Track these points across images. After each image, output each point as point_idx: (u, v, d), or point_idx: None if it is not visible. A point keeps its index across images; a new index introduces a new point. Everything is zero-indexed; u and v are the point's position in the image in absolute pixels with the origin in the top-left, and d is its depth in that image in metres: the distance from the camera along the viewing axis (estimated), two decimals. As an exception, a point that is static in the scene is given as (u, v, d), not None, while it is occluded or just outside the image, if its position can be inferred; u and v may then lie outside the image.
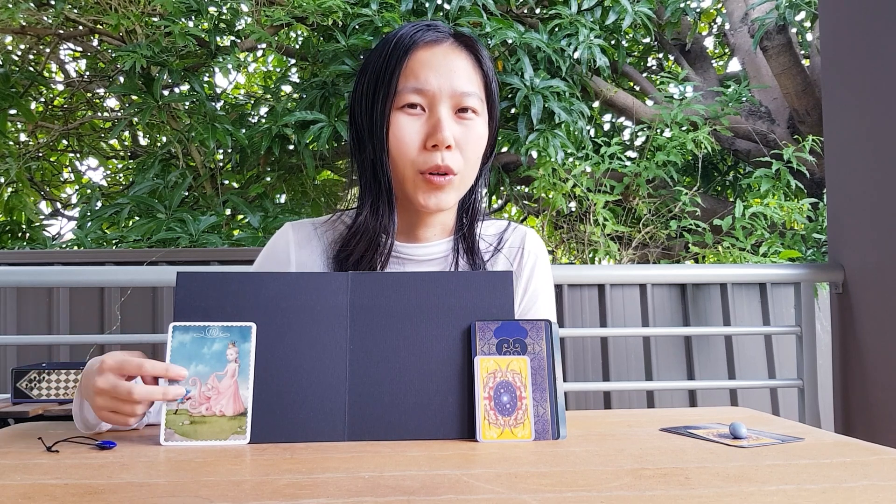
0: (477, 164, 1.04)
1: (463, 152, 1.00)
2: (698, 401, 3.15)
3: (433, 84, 0.98)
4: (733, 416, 0.97)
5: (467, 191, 1.08)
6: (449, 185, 1.00)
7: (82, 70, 6.59)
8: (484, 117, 1.04)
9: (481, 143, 1.03)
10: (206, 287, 0.86)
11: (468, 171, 1.02)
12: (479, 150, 1.03)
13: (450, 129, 0.98)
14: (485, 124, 1.04)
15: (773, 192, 4.67)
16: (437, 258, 1.08)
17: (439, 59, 1.00)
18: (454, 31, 1.05)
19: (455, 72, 1.00)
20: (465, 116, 1.00)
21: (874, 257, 2.11)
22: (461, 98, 0.99)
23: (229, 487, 0.61)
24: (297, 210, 5.07)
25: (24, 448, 0.80)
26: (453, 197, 1.02)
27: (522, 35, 4.48)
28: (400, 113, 0.99)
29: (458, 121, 1.00)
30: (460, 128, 1.00)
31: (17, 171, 5.18)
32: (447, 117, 0.99)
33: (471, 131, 1.01)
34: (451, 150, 0.99)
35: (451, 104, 0.99)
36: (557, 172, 4.55)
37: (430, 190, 1.00)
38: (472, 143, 1.01)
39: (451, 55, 1.01)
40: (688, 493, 0.59)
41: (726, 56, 7.18)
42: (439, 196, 1.00)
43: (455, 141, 0.99)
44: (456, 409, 0.84)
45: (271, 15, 4.75)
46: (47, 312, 3.10)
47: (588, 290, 3.22)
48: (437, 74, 0.99)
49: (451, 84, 0.99)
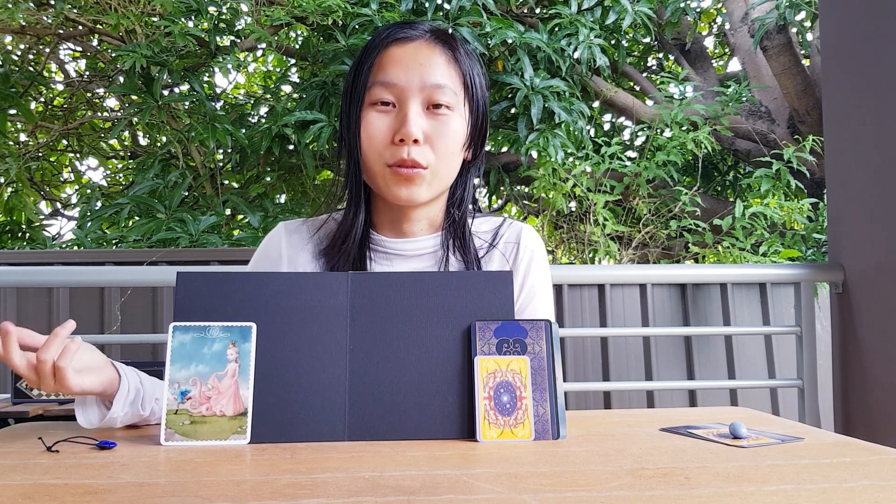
0: (452, 159, 1.03)
1: (434, 147, 1.00)
2: (698, 401, 3.15)
3: (402, 79, 0.99)
4: (733, 416, 0.97)
5: (453, 185, 1.08)
6: (419, 178, 1.00)
7: (82, 70, 6.59)
8: (460, 112, 1.03)
9: (455, 137, 1.02)
10: (206, 287, 0.86)
11: (441, 165, 1.01)
12: (454, 144, 1.02)
13: (417, 123, 0.98)
14: (461, 119, 1.03)
15: (773, 192, 4.67)
16: (426, 253, 1.08)
17: (409, 54, 1.00)
18: (433, 28, 1.05)
19: (425, 66, 1.00)
20: (438, 112, 1.00)
21: (874, 257, 2.11)
22: (432, 92, 0.99)
23: (229, 487, 0.61)
24: (297, 210, 5.07)
25: (24, 448, 0.80)
26: (425, 190, 1.02)
27: (522, 35, 4.48)
28: (371, 110, 1.00)
29: (430, 116, 1.00)
30: (431, 122, 1.00)
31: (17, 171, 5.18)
32: (415, 112, 0.99)
33: (442, 125, 1.00)
34: (420, 145, 0.99)
35: (421, 98, 0.99)
36: (557, 172, 4.55)
37: (399, 182, 1.00)
38: (444, 137, 1.00)
39: (424, 51, 1.01)
40: (688, 493, 0.59)
41: (726, 56, 7.18)
42: (410, 189, 1.00)
43: (425, 135, 0.99)
44: (456, 409, 0.84)
45: (271, 15, 4.75)
46: (47, 312, 3.10)
47: (588, 290, 3.22)
48: (407, 70, 0.99)
49: (420, 78, 0.99)
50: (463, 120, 1.03)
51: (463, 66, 1.04)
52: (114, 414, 0.88)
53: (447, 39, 1.04)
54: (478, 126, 1.07)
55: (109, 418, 0.88)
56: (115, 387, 0.88)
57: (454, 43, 1.05)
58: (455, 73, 1.03)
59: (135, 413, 0.90)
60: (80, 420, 0.89)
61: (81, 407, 0.89)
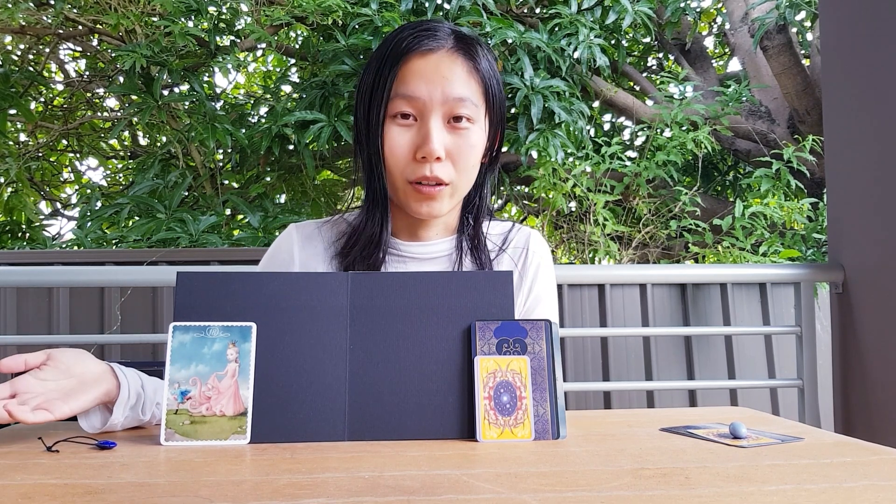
0: (472, 172, 1.03)
1: (455, 162, 1.00)
2: (698, 401, 3.15)
3: (424, 93, 0.98)
4: (733, 416, 0.97)
5: (470, 190, 1.08)
6: (440, 195, 1.00)
7: (82, 70, 6.59)
8: (480, 124, 1.02)
9: (475, 151, 1.02)
10: (206, 287, 0.86)
11: (461, 179, 1.02)
12: (473, 158, 1.02)
13: (439, 140, 0.98)
14: (481, 131, 1.03)
15: (773, 192, 4.67)
16: (441, 256, 1.08)
17: (432, 67, 0.99)
18: (454, 33, 1.03)
19: (447, 79, 0.99)
20: (459, 126, 0.99)
21: (874, 257, 2.11)
22: (453, 105, 0.98)
23: (229, 487, 0.61)
24: (297, 210, 5.07)
25: (24, 448, 0.80)
26: (446, 205, 1.02)
27: (522, 35, 4.48)
28: (392, 123, 1.00)
29: (451, 130, 0.99)
30: (453, 137, 0.99)
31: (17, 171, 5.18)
32: (437, 128, 0.98)
33: (463, 140, 1.00)
34: (442, 162, 0.99)
35: (442, 112, 0.99)
36: (557, 172, 4.55)
37: (421, 199, 1.00)
38: (465, 152, 1.00)
39: (446, 61, 1.00)
40: (688, 493, 0.59)
41: (726, 56, 7.18)
42: (431, 204, 1.01)
43: (446, 151, 0.99)
44: (456, 409, 0.84)
45: (271, 15, 4.75)
46: (47, 312, 3.10)
47: (588, 290, 3.22)
48: (429, 83, 0.98)
49: (442, 92, 0.98)
50: (482, 131, 1.03)
51: (484, 75, 1.03)
52: (114, 420, 0.88)
53: (468, 47, 1.02)
54: (496, 133, 1.06)
55: (110, 424, 0.88)
56: (115, 394, 0.87)
57: (476, 49, 1.03)
58: (476, 83, 1.02)
59: (135, 417, 0.90)
60: (83, 424, 0.89)
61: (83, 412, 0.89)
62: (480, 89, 1.02)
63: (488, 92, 1.03)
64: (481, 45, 1.05)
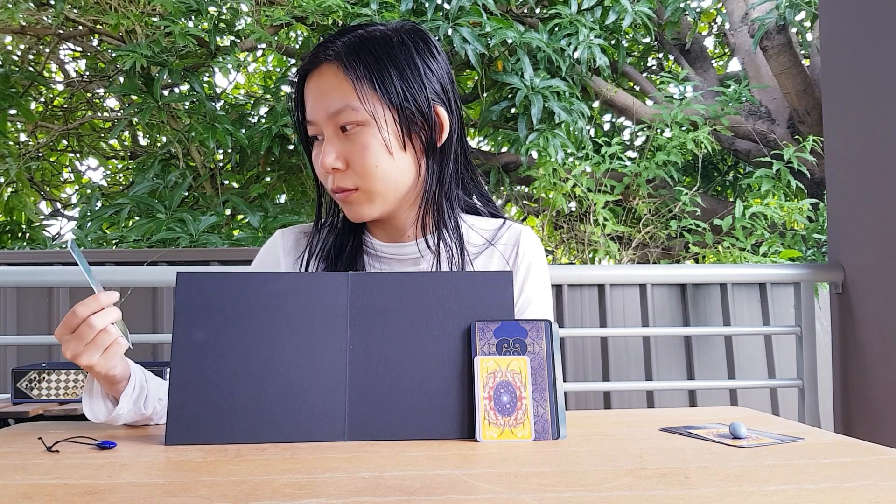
0: (377, 170, 0.99)
1: (353, 167, 1.00)
2: (698, 401, 3.15)
3: (314, 115, 1.01)
4: (733, 416, 0.97)
5: (426, 182, 1.04)
6: (356, 200, 1.02)
7: (82, 70, 6.59)
8: (369, 124, 0.98)
9: (369, 152, 0.99)
10: (207, 287, 0.86)
11: (368, 181, 1.00)
12: (371, 157, 0.99)
13: (330, 153, 0.99)
14: (371, 130, 0.98)
15: (774, 193, 4.67)
16: (414, 257, 1.07)
17: (313, 86, 1.00)
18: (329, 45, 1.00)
19: (325, 94, 0.99)
20: (349, 132, 0.99)
21: (874, 257, 2.11)
22: (337, 118, 0.99)
23: (229, 487, 0.61)
24: (297, 210, 5.07)
25: (24, 448, 0.80)
26: (367, 209, 1.03)
27: (522, 35, 4.48)
28: (313, 144, 1.04)
29: (344, 138, 1.00)
30: (345, 145, 1.00)
31: (17, 171, 5.18)
32: (329, 142, 1.00)
33: (353, 145, 0.99)
34: (343, 171, 1.00)
35: (332, 126, 1.00)
36: (557, 172, 4.55)
37: (344, 205, 1.05)
38: (357, 155, 0.99)
39: (324, 77, 0.99)
40: (688, 493, 0.59)
41: (726, 56, 7.19)
42: (352, 209, 1.03)
43: (343, 160, 1.00)
44: (456, 409, 0.84)
45: (271, 15, 4.75)
46: (47, 312, 3.10)
47: (588, 290, 3.21)
48: (315, 104, 1.00)
49: (325, 110, 0.99)
50: (372, 129, 0.99)
51: (363, 73, 0.98)
52: (119, 411, 0.88)
53: (348, 51, 0.99)
54: (407, 116, 1.00)
55: (115, 415, 0.88)
56: (126, 381, 0.89)
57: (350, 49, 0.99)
58: (348, 86, 0.98)
59: (137, 412, 0.90)
60: (86, 411, 0.89)
61: (89, 398, 0.89)
62: (366, 87, 0.98)
63: (378, 87, 0.98)
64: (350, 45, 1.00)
